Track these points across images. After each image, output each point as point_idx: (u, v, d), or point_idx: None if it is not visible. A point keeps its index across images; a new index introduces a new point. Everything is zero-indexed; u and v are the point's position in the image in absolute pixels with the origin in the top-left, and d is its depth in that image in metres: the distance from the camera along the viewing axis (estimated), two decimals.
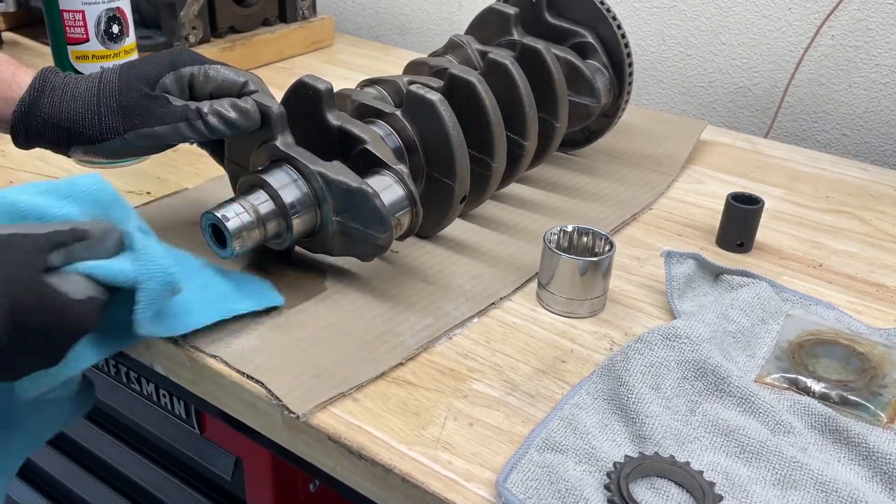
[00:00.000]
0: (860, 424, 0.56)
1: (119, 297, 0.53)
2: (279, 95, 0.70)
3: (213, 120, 0.65)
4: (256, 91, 0.67)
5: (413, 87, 0.71)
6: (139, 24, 1.10)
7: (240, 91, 0.67)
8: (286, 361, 0.60)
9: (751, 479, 0.52)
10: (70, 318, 0.50)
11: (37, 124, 0.65)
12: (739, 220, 0.77)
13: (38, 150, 0.69)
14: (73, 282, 0.50)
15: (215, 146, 0.73)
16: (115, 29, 0.87)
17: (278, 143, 0.65)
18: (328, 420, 0.55)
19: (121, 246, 0.53)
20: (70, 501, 1.06)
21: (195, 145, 0.73)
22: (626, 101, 0.91)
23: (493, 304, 0.68)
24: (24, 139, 0.67)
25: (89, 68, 0.90)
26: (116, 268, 0.51)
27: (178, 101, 0.65)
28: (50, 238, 0.49)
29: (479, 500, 0.50)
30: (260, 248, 0.66)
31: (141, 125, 0.65)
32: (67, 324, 0.50)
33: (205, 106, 0.65)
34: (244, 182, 0.66)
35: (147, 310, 0.53)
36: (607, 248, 0.68)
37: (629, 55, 0.88)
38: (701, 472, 0.51)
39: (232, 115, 0.65)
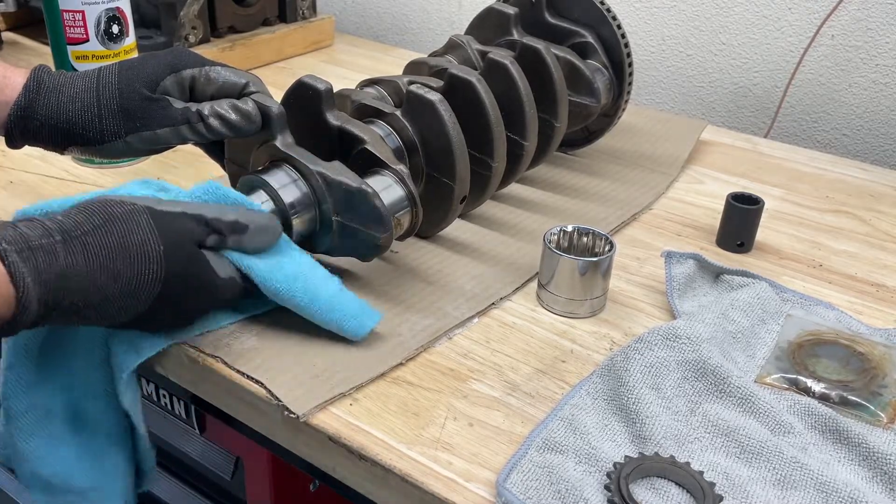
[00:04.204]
0: (860, 425, 0.56)
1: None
2: (279, 95, 0.70)
3: (214, 122, 0.65)
4: (257, 92, 0.67)
5: (413, 87, 0.71)
6: (139, 24, 1.10)
7: (240, 92, 0.67)
8: (286, 361, 0.60)
9: (751, 480, 0.52)
10: (213, 293, 0.57)
11: (33, 126, 0.65)
12: (739, 220, 0.77)
13: (38, 151, 0.69)
14: (222, 262, 0.58)
15: (214, 146, 0.73)
16: (115, 29, 0.87)
17: (278, 143, 0.65)
18: (328, 420, 0.55)
19: (272, 243, 0.60)
20: None
21: (195, 145, 0.72)
22: (626, 101, 0.91)
23: (493, 304, 0.68)
24: (21, 140, 0.66)
25: (89, 68, 0.90)
26: (256, 268, 0.59)
27: (178, 104, 0.65)
28: (211, 224, 0.56)
29: (479, 500, 0.50)
30: None
31: (142, 128, 0.65)
32: (209, 297, 0.57)
33: (205, 108, 0.65)
34: (244, 182, 0.66)
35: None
36: (607, 248, 0.68)
37: (629, 55, 0.88)
38: (701, 473, 0.51)
39: (232, 116, 0.65)
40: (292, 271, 0.60)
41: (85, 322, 0.53)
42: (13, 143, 0.67)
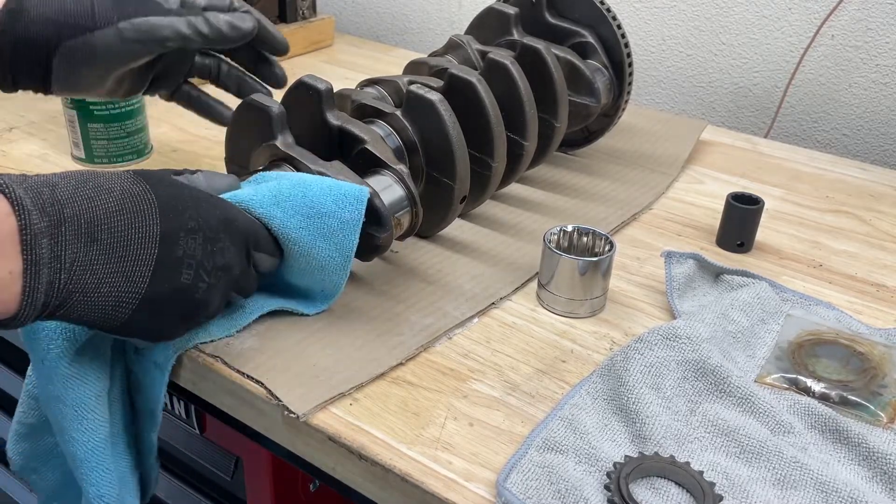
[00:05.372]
0: (860, 424, 0.56)
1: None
2: (279, 95, 0.70)
3: (212, 17, 0.64)
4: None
5: (413, 87, 0.71)
6: None
7: (229, 7, 0.68)
8: (286, 361, 0.60)
9: (751, 479, 0.52)
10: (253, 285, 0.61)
11: (24, 22, 0.62)
12: (739, 220, 0.77)
13: (38, 150, 0.69)
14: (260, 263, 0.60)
15: (207, 108, 0.74)
16: None
17: (278, 143, 0.65)
18: (328, 420, 0.55)
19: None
20: None
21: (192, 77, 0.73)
22: (626, 101, 0.91)
23: (493, 304, 0.68)
24: (11, 48, 0.63)
25: None
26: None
27: (173, 3, 0.65)
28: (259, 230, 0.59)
29: (479, 499, 0.50)
30: None
31: (136, 14, 0.63)
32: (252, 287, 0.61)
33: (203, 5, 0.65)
34: (244, 182, 0.66)
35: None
36: (607, 248, 0.68)
37: (629, 55, 0.88)
38: (701, 473, 0.51)
39: (233, 19, 0.65)
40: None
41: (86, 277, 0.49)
42: (3, 55, 0.63)
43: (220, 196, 0.58)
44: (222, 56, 0.76)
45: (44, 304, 0.48)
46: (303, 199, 0.59)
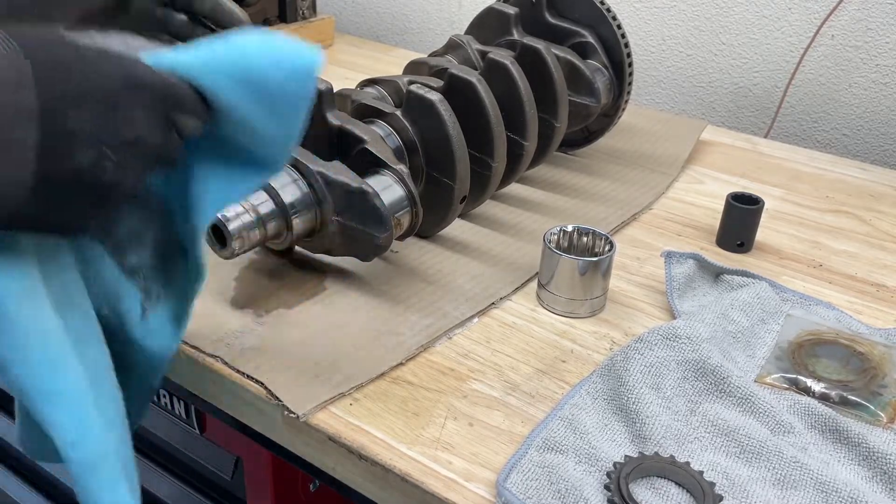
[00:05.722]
0: (860, 424, 0.56)
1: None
2: None
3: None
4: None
5: (413, 87, 0.71)
6: None
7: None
8: (286, 361, 0.60)
9: (751, 479, 0.52)
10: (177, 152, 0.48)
11: None
12: (739, 220, 0.77)
13: None
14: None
15: None
16: None
17: None
18: (328, 420, 0.55)
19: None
20: (69, 500, 1.06)
21: None
22: (626, 101, 0.91)
23: (493, 304, 0.68)
24: None
25: None
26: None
27: None
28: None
29: (479, 499, 0.50)
30: (260, 247, 0.66)
31: None
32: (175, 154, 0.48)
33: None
34: None
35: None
36: (607, 248, 0.68)
37: (629, 55, 0.88)
38: (701, 472, 0.51)
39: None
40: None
41: None
42: None
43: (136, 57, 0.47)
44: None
45: None
46: (239, 62, 0.47)
